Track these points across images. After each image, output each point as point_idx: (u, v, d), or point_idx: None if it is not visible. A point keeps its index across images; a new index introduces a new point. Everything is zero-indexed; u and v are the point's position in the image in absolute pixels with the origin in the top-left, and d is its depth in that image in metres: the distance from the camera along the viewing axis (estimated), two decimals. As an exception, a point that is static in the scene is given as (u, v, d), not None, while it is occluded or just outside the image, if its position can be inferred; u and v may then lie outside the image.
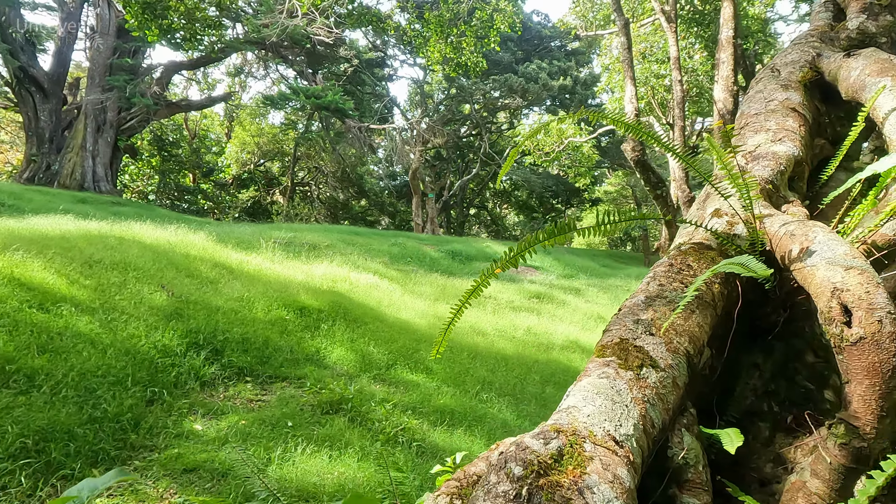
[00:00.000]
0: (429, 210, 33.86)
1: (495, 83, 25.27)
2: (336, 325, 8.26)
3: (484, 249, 24.80)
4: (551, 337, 11.75)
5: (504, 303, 14.57)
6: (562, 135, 14.77)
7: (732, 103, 10.35)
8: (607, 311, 16.33)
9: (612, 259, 32.01)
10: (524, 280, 19.58)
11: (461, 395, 6.90)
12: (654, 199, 10.15)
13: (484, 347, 9.64)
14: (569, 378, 8.74)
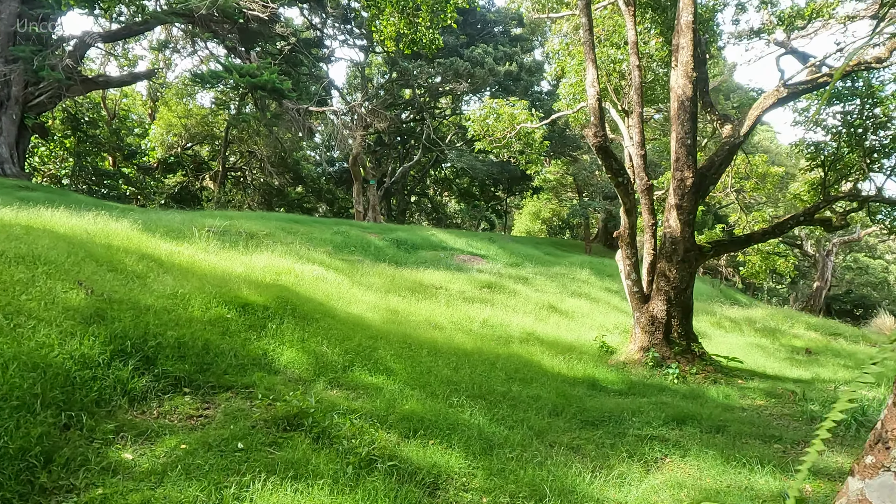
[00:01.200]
0: (370, 197, 32.89)
1: (440, 67, 24.57)
2: (284, 324, 7.47)
3: (429, 237, 24.24)
4: (508, 329, 11.37)
5: (456, 293, 14.08)
6: (513, 120, 14.31)
7: (692, 89, 10.19)
8: (557, 300, 16.18)
9: (553, 247, 32.24)
10: (472, 269, 19.19)
11: (428, 399, 6.32)
12: (615, 186, 9.87)
13: (443, 343, 9.09)
14: (533, 374, 8.34)
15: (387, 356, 7.49)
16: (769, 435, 6.62)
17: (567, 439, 6.04)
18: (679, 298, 10.12)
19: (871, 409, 7.34)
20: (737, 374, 9.98)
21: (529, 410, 6.73)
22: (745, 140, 10.42)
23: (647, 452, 5.88)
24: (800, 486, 5.20)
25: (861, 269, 43.70)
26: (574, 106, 13.52)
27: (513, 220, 56.17)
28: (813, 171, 14.27)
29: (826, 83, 9.76)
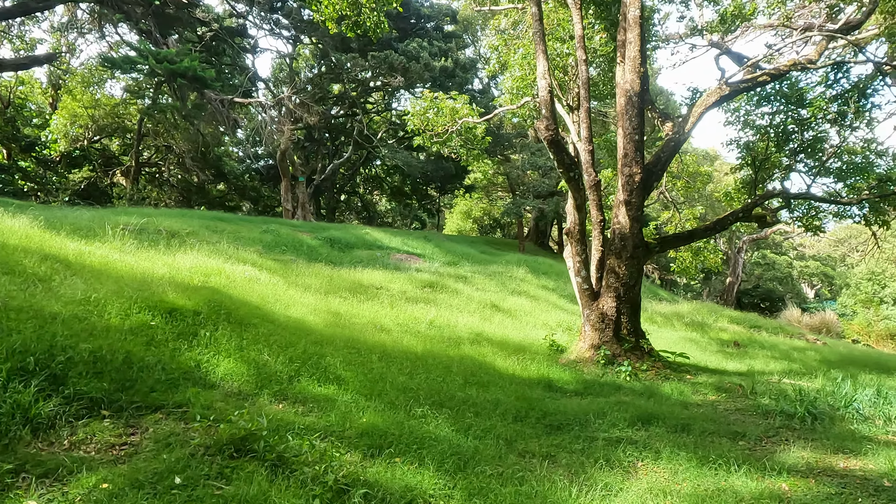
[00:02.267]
0: (299, 195, 31.57)
1: (374, 60, 23.80)
2: (219, 330, 6.66)
3: (363, 236, 23.48)
4: (456, 330, 10.94)
5: (398, 293, 13.51)
6: (455, 114, 13.90)
7: (640, 85, 10.15)
8: (499, 298, 15.96)
9: (488, 245, 32.22)
10: (411, 268, 18.66)
11: (387, 410, 5.76)
12: (566, 182, 9.66)
13: (392, 346, 8.53)
14: (490, 377, 7.95)
15: (335, 363, 6.85)
16: (733, 432, 6.54)
17: (537, 447, 5.66)
18: (628, 295, 10.06)
19: (820, 402, 7.46)
20: (684, 370, 10.04)
21: (493, 417, 6.30)
22: (689, 136, 10.53)
23: (620, 457, 5.60)
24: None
25: (768, 265, 46.77)
26: (518, 101, 13.29)
27: (444, 219, 56.05)
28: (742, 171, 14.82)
29: (766, 82, 10.01)
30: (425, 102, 14.79)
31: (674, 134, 10.58)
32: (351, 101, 30.32)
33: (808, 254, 53.15)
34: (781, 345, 17.23)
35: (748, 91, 10.38)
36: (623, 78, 10.39)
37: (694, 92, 13.52)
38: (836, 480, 5.14)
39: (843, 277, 49.00)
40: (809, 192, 11.51)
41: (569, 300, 19.75)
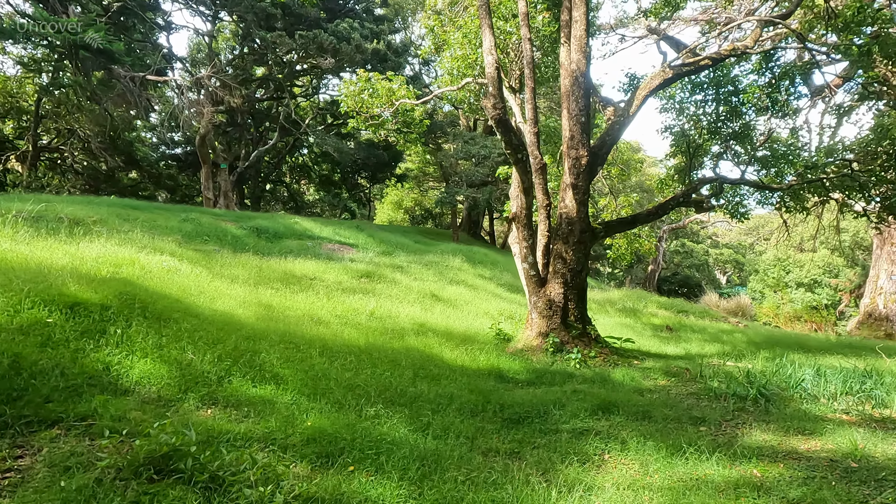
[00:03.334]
0: (221, 183, 29.72)
1: (302, 40, 22.50)
2: (133, 327, 5.77)
3: (293, 226, 22.33)
4: (398, 321, 10.36)
5: (333, 284, 12.74)
6: (392, 95, 13.24)
7: (586, 64, 9.91)
8: (438, 288, 15.49)
9: (421, 235, 31.70)
10: (344, 258, 17.84)
11: (335, 411, 5.13)
12: (513, 164, 9.28)
13: (332, 340, 7.85)
14: (439, 370, 7.45)
15: (272, 360, 6.12)
16: (692, 417, 6.38)
17: (501, 444, 5.23)
18: (575, 281, 9.85)
19: (770, 383, 7.49)
20: (631, 356, 9.96)
21: (450, 413, 5.81)
22: (632, 119, 10.43)
23: (587, 450, 5.27)
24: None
25: (687, 253, 49.08)
26: (458, 82, 12.79)
27: (375, 209, 55.01)
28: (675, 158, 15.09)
29: (707, 66, 10.05)
30: (360, 83, 14.03)
31: (618, 117, 10.45)
32: (277, 84, 28.76)
33: (722, 242, 56.29)
34: (709, 328, 17.84)
35: (691, 74, 10.40)
36: (568, 58, 10.12)
37: (631, 78, 13.52)
38: (804, 463, 5.02)
39: (753, 264, 52.25)
40: (744, 178, 11.75)
41: (507, 289, 19.61)
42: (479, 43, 12.00)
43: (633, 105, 10.32)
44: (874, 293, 22.36)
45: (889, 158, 12.75)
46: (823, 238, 41.02)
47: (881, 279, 22.11)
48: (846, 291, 39.59)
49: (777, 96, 11.14)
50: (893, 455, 5.12)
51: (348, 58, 23.30)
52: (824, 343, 15.46)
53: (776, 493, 4.39)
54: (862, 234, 44.12)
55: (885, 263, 22.12)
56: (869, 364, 10.23)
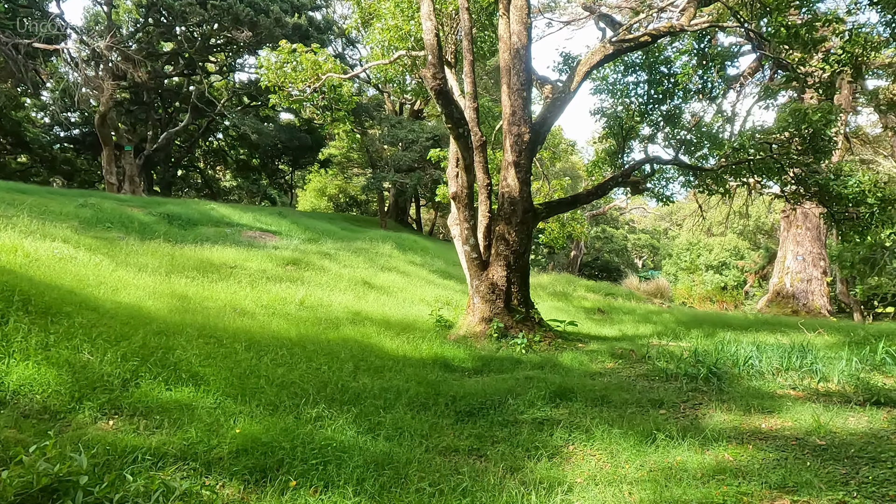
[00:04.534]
0: (126, 167, 27.26)
1: (216, 10, 20.69)
2: (10, 323, 4.75)
3: (209, 212, 20.76)
4: (331, 310, 9.61)
5: (257, 272, 11.73)
6: (318, 69, 12.31)
7: (527, 37, 9.49)
8: (370, 275, 14.76)
9: (348, 222, 30.63)
10: (268, 246, 16.69)
11: (267, 414, 4.40)
12: (454, 138, 8.72)
13: (260, 333, 7.02)
14: (381, 361, 6.82)
15: (189, 357, 5.26)
16: (650, 400, 6.12)
17: (459, 441, 4.70)
18: (518, 263, 9.47)
19: (719, 362, 7.41)
20: (575, 339, 9.73)
21: (399, 409, 5.21)
22: (574, 96, 10.14)
23: (552, 442, 4.85)
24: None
25: (607, 239, 50.70)
26: (389, 56, 12.05)
27: (297, 197, 52.98)
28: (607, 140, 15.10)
29: (647, 42, 9.90)
30: (282, 55, 12.96)
31: (558, 94, 10.12)
32: (188, 60, 26.59)
33: (639, 228, 58.67)
34: (638, 309, 18.18)
35: (632, 50, 10.24)
36: (508, 30, 9.66)
37: (566, 57, 13.31)
38: (772, 444, 4.84)
39: (667, 248, 54.84)
40: (678, 159, 11.81)
41: (440, 275, 19.15)
42: (412, 13, 11.31)
43: (573, 81, 10.02)
44: (782, 273, 23.78)
45: (804, 141, 13.29)
46: (730, 223, 43.52)
47: (788, 259, 23.52)
48: (751, 272, 42.30)
49: (709, 76, 11.23)
50: (855, 430, 5.05)
51: (267, 31, 21.78)
52: (744, 321, 16.09)
53: (756, 478, 4.13)
54: (763, 219, 47.30)
55: (791, 245, 23.54)
56: (793, 339, 10.58)
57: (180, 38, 26.21)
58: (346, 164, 43.97)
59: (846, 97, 22.26)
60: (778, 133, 13.44)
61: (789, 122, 13.24)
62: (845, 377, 6.90)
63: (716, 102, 13.58)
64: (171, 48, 28.52)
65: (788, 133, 13.69)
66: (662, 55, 12.41)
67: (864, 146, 32.11)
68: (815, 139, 12.55)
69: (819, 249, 23.10)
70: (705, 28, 9.99)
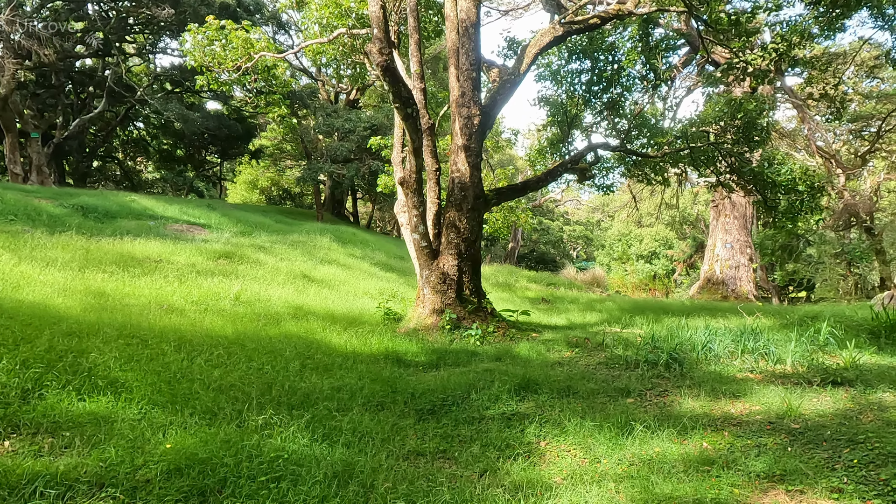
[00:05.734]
0: (33, 156, 24.92)
1: (133, -15, 18.98)
2: None
3: (129, 204, 19.22)
4: (270, 305, 8.90)
5: (185, 266, 10.78)
6: (251, 48, 11.47)
7: (476, 14, 9.09)
8: (309, 268, 14.03)
9: (282, 215, 29.39)
10: (196, 239, 15.55)
11: (204, 424, 3.79)
12: (402, 119, 8.21)
13: (190, 331, 6.28)
14: (330, 358, 6.27)
15: (107, 361, 4.54)
16: (616, 389, 5.89)
17: (424, 443, 4.26)
18: (469, 251, 9.09)
19: (678, 348, 7.31)
20: (528, 329, 9.47)
21: (355, 410, 4.70)
22: (523, 78, 9.84)
23: (524, 439, 4.49)
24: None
25: (543, 230, 51.46)
26: (328, 34, 11.35)
27: (226, 190, 50.63)
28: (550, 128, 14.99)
29: (596, 25, 9.73)
30: (210, 32, 11.99)
31: (508, 76, 9.79)
32: (102, 41, 24.51)
33: (573, 219, 59.96)
34: (581, 298, 18.30)
35: (581, 32, 10.04)
36: (456, 8, 9.22)
37: (510, 42, 13.05)
38: (746, 429, 4.68)
39: (600, 239, 56.37)
40: (624, 146, 11.79)
41: (382, 268, 18.56)
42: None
43: (523, 63, 9.71)
44: (712, 260, 24.69)
45: (738, 131, 13.64)
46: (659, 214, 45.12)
47: (717, 247, 24.45)
48: (680, 261, 44.09)
49: (655, 63, 11.24)
50: (824, 411, 4.98)
51: (191, 10, 20.33)
52: (682, 307, 16.45)
53: (740, 467, 3.92)
54: (689, 210, 49.40)
55: (720, 233, 24.47)
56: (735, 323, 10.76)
57: (93, 15, 24.14)
58: (279, 155, 42.29)
59: (768, 91, 23.31)
60: (714, 123, 13.72)
61: (725, 112, 13.53)
62: (797, 358, 6.96)
63: (658, 90, 13.73)
64: (82, 27, 26.24)
65: (724, 123, 14.00)
66: (606, 42, 12.37)
67: (781, 140, 33.93)
68: (748, 129, 12.87)
69: (746, 237, 24.14)
70: (651, 13, 9.92)
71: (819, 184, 13.72)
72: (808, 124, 28.50)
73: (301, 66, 35.24)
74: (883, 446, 4.02)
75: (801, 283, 35.22)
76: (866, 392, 5.51)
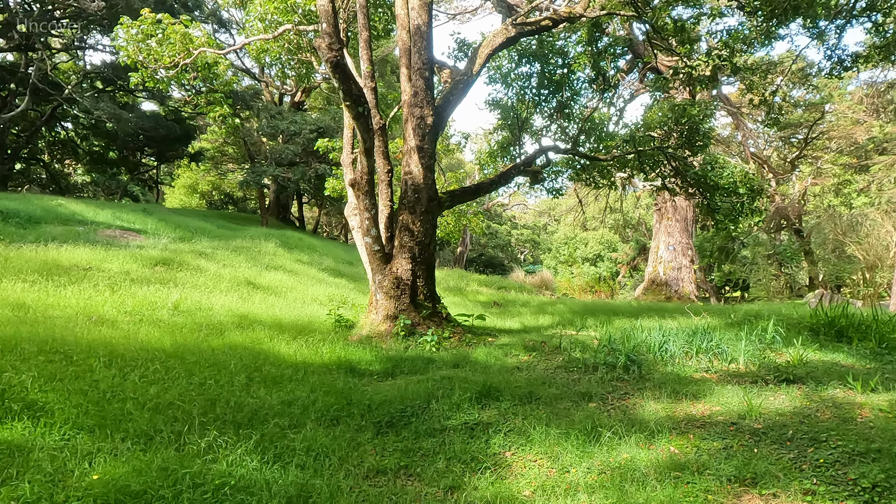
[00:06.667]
0: (-55, 157, 22.98)
1: (58, -25, 17.71)
2: None
3: (55, 208, 17.98)
4: (213, 314, 8.37)
5: (118, 274, 10.05)
6: (189, 43, 10.89)
7: (427, 13, 8.88)
8: (254, 275, 13.43)
9: (225, 220, 28.31)
10: (131, 245, 14.64)
11: (138, 449, 3.38)
12: (353, 118, 7.89)
13: (123, 344, 5.76)
14: (279, 369, 5.89)
15: (24, 381, 4.04)
16: (577, 393, 5.78)
17: (384, 459, 3.98)
18: (423, 255, 8.85)
19: (635, 349, 7.30)
20: (484, 333, 9.31)
21: (308, 427, 4.37)
22: (477, 78, 9.70)
23: (490, 451, 4.28)
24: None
25: (492, 234, 51.82)
26: (273, 30, 10.90)
27: (163, 194, 48.52)
28: (500, 131, 14.98)
29: (548, 27, 9.70)
30: (146, 25, 11.32)
31: (460, 76, 9.63)
32: (24, 35, 22.88)
33: (520, 223, 60.68)
34: (532, 301, 18.38)
35: (534, 34, 10.00)
36: (408, 6, 8.99)
37: (460, 43, 12.94)
38: (712, 431, 4.63)
39: (546, 243, 57.25)
40: (575, 149, 11.84)
41: (330, 273, 18.05)
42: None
43: (475, 64, 9.57)
44: (656, 262, 25.38)
45: (682, 136, 14.00)
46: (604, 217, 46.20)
47: (661, 250, 25.15)
48: (623, 263, 45.24)
49: (604, 66, 11.35)
50: (783, 410, 5.00)
51: (124, 3, 19.24)
52: (631, 308, 16.75)
53: (711, 471, 3.84)
54: (632, 214, 50.85)
55: (663, 236, 25.19)
56: (682, 323, 10.96)
57: (14, 7, 22.55)
58: (221, 157, 40.91)
59: (707, 97, 24.19)
60: (659, 127, 14.02)
61: (669, 117, 13.84)
62: (749, 357, 7.07)
63: (606, 95, 13.90)
64: (2, 19, 24.47)
65: (668, 127, 14.33)
66: (555, 45, 12.43)
67: (716, 146, 35.37)
68: (692, 134, 13.21)
69: (687, 240, 24.93)
70: (601, 16, 9.99)
71: (758, 186, 14.26)
72: (742, 131, 29.82)
73: (243, 67, 34.14)
74: (845, 444, 4.04)
75: (736, 283, 36.81)
76: (818, 389, 5.61)
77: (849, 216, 29.04)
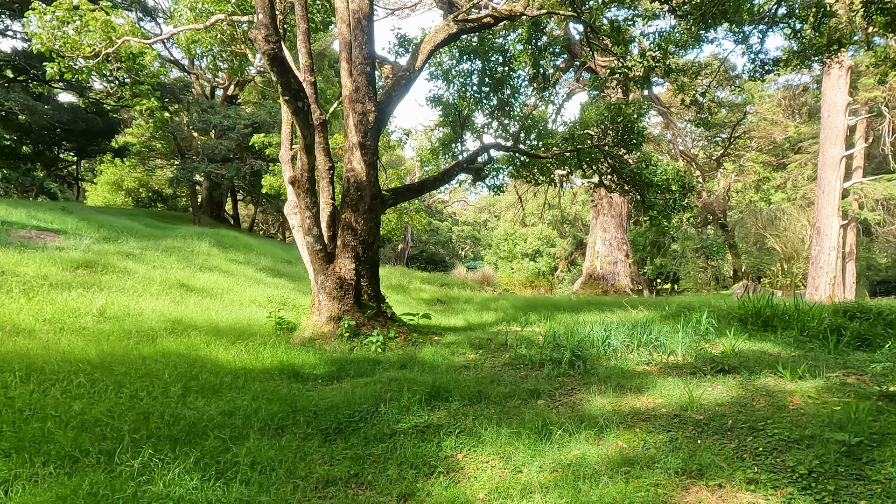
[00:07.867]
0: None
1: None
2: None
3: (-39, 208, 16.51)
4: (143, 320, 7.88)
5: (35, 279, 9.31)
6: (111, 32, 10.24)
7: (369, 6, 8.69)
8: (187, 276, 12.81)
9: (153, 219, 26.91)
10: (48, 247, 13.63)
11: (62, 474, 3.09)
12: (293, 113, 7.61)
13: (42, 355, 5.31)
14: (217, 377, 5.60)
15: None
16: (526, 391, 5.80)
17: (332, 469, 3.84)
18: (367, 254, 8.67)
19: (580, 345, 7.42)
20: (429, 332, 9.23)
21: (252, 438, 4.15)
22: (419, 74, 9.57)
23: (442, 454, 4.21)
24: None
25: (433, 231, 51.84)
26: (205, 20, 10.38)
27: (84, 192, 45.68)
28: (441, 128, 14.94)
29: (489, 24, 9.69)
30: (61, 12, 10.53)
31: (402, 72, 9.48)
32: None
33: (461, 220, 61.04)
34: (475, 298, 18.45)
35: (475, 31, 9.95)
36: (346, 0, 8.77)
37: (401, 39, 12.77)
38: (657, 424, 4.75)
39: (487, 239, 57.85)
40: (517, 146, 11.94)
41: (268, 273, 17.49)
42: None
43: (418, 59, 9.45)
44: (593, 257, 26.10)
45: (617, 134, 14.41)
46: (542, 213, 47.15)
47: (597, 245, 25.88)
48: (561, 258, 46.35)
49: (543, 64, 11.49)
50: (721, 400, 5.19)
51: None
52: (571, 303, 17.13)
53: (658, 465, 3.92)
54: (569, 210, 52.16)
55: (599, 231, 25.93)
56: (623, 316, 11.28)
57: None
58: (148, 153, 38.84)
59: (638, 97, 25.05)
60: (596, 125, 14.36)
61: (605, 116, 14.20)
62: (686, 349, 7.33)
63: (545, 93, 14.11)
64: None
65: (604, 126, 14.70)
66: (496, 43, 12.49)
67: (647, 144, 36.74)
68: (627, 132, 13.60)
69: (622, 235, 25.75)
70: (541, 14, 10.09)
71: (689, 183, 14.86)
72: (671, 130, 31.09)
73: (172, 58, 32.57)
74: (781, 432, 4.23)
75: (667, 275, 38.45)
76: (752, 378, 5.87)
77: (768, 211, 30.90)
